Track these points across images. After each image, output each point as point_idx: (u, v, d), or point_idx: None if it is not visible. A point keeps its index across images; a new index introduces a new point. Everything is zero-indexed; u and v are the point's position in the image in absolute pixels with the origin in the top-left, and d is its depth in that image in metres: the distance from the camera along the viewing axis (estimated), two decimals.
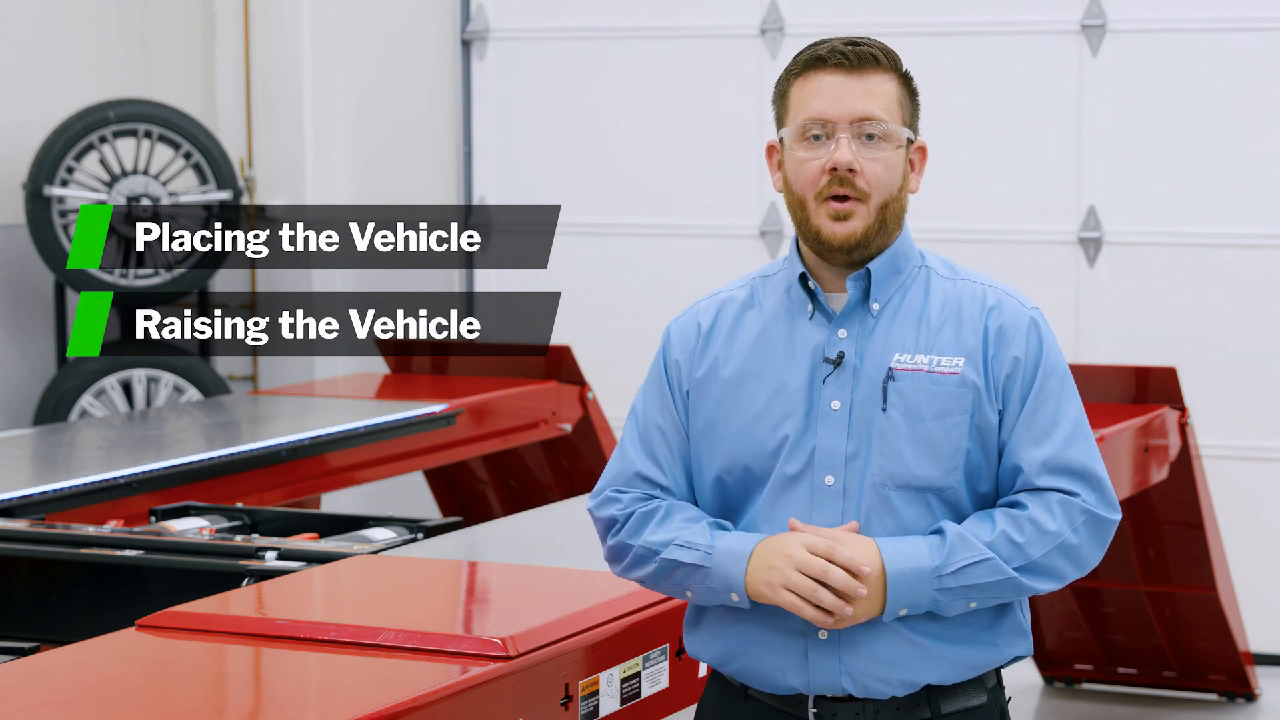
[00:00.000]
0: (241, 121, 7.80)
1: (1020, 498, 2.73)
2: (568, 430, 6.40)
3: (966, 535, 2.69)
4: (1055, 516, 2.72)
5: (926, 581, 2.67)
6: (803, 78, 2.77)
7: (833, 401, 2.74)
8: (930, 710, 2.75)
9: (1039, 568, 2.71)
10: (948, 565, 2.68)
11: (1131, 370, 5.80)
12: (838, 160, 2.73)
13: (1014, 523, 2.71)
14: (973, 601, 2.70)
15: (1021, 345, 2.75)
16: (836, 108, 2.74)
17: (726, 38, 7.33)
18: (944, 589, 2.68)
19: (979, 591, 2.69)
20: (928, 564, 2.67)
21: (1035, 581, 2.71)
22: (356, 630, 3.06)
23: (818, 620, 2.67)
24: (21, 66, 7.40)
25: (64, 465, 5.04)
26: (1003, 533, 2.70)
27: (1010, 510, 2.73)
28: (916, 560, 2.67)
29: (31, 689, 2.87)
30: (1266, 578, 6.76)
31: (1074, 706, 6.40)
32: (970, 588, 2.69)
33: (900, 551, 2.68)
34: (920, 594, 2.67)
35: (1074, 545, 2.72)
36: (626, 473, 2.85)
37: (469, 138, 7.67)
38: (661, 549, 2.77)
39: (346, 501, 6.92)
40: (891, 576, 2.66)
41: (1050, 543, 2.71)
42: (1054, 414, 2.75)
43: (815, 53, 2.77)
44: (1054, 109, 6.93)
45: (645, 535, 2.80)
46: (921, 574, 2.67)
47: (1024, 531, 2.70)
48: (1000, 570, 2.69)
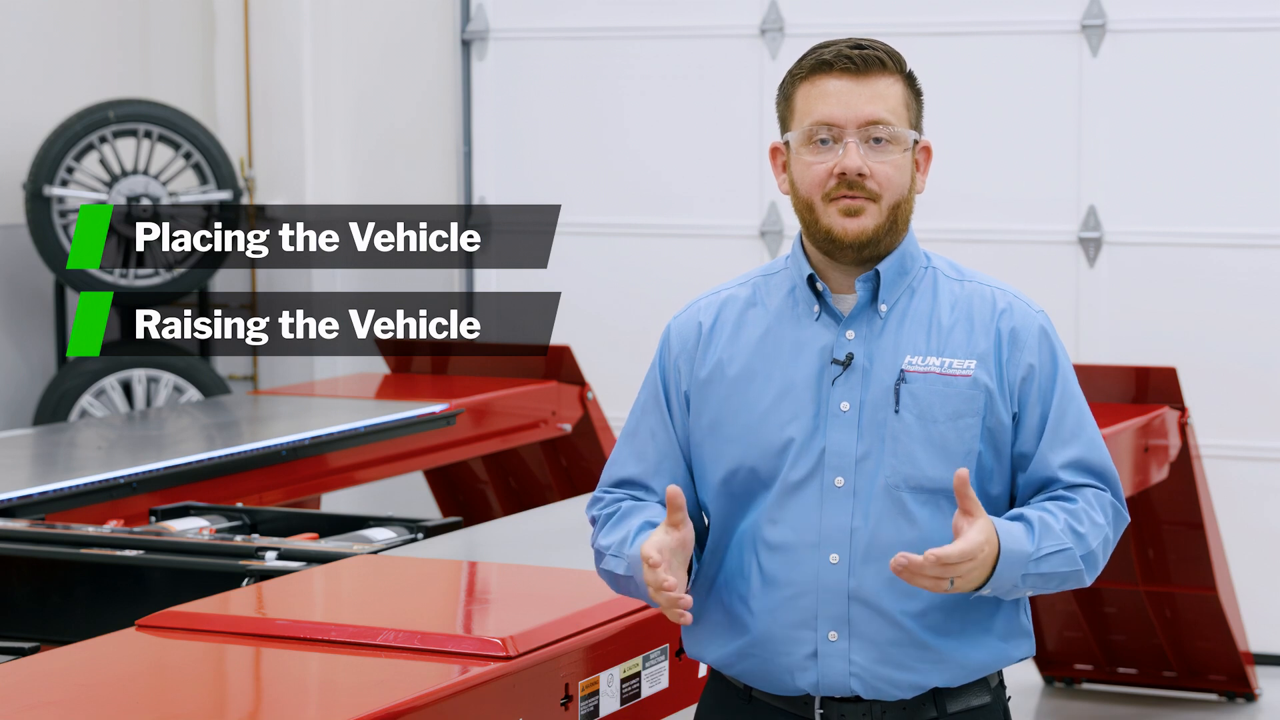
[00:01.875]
0: (241, 121, 7.80)
1: (1065, 493, 2.75)
2: (568, 430, 6.40)
3: (1049, 523, 2.70)
4: (1097, 509, 2.74)
5: (1021, 565, 2.67)
6: (808, 81, 2.76)
7: (842, 403, 2.74)
8: (936, 710, 2.76)
9: (1093, 559, 2.73)
10: (1039, 551, 2.68)
11: (1131, 370, 5.80)
12: (847, 166, 2.72)
13: (1073, 515, 2.72)
14: (1031, 590, 2.71)
15: (1035, 351, 2.76)
16: (844, 112, 2.73)
17: (726, 38, 7.33)
18: (1027, 574, 2.68)
19: (1045, 580, 2.70)
20: (1029, 548, 2.67)
21: (1088, 573, 2.74)
22: (356, 630, 3.06)
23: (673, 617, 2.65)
24: (22, 67, 7.39)
25: (64, 465, 5.04)
26: (1067, 523, 2.71)
27: (1063, 503, 2.74)
28: (1021, 544, 2.67)
29: (31, 689, 2.87)
30: (1266, 578, 6.76)
31: (1074, 706, 6.40)
32: (1043, 576, 2.69)
33: (1009, 533, 2.66)
34: (1011, 577, 2.67)
35: (1110, 540, 2.76)
36: (612, 476, 2.87)
37: (469, 138, 7.67)
38: (604, 555, 2.79)
39: (346, 501, 6.93)
40: (1004, 555, 2.64)
41: (1100, 535, 2.74)
42: (1078, 417, 2.77)
43: (821, 56, 2.76)
44: (1054, 109, 6.93)
45: (599, 538, 2.82)
46: (1023, 557, 2.67)
47: (1083, 522, 2.72)
48: (1073, 561, 2.70)
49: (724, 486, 2.79)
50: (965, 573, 2.61)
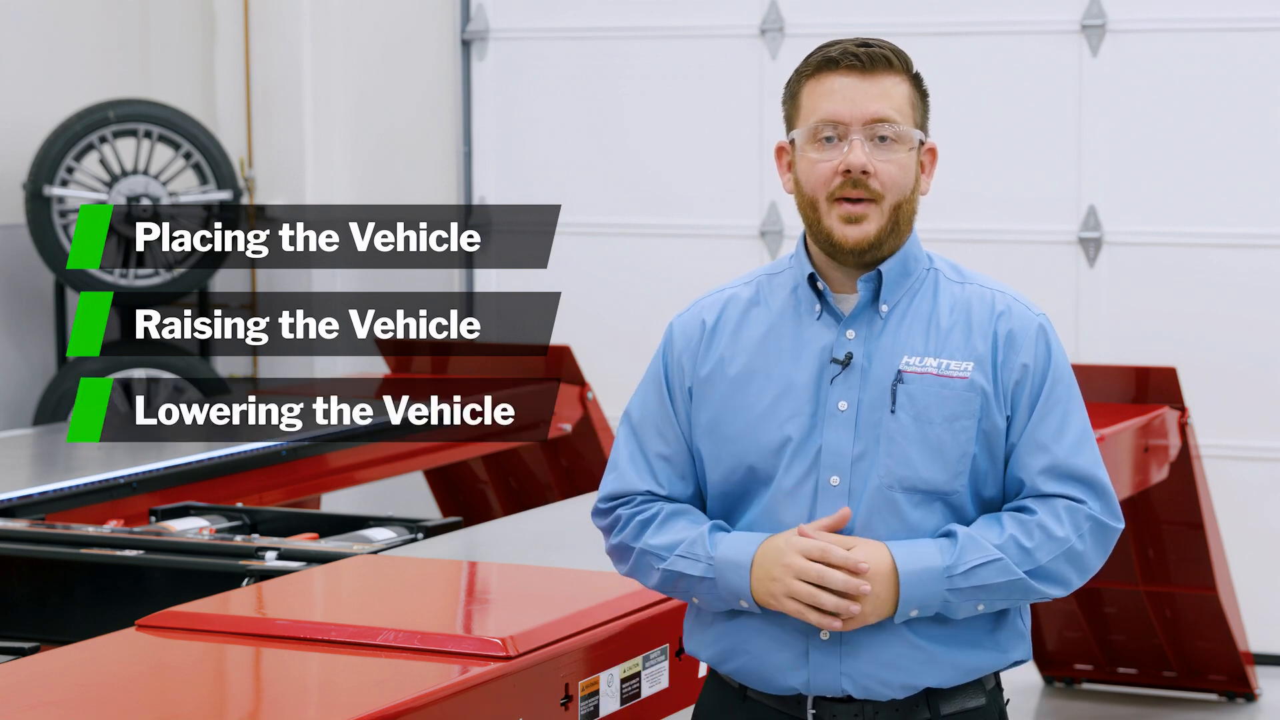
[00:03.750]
0: (241, 121, 7.80)
1: (1028, 503, 2.73)
2: (568, 430, 6.40)
3: (976, 537, 2.69)
4: (1063, 523, 2.72)
5: (937, 581, 2.67)
6: (814, 79, 2.76)
7: (840, 402, 2.74)
8: (929, 711, 2.75)
9: (1046, 573, 2.71)
10: (958, 565, 2.67)
11: (1131, 370, 5.79)
12: (851, 162, 2.72)
13: (1022, 527, 2.71)
14: (981, 604, 2.70)
15: (1030, 352, 2.75)
16: (849, 109, 2.73)
17: (726, 38, 7.33)
18: (954, 589, 2.67)
19: (988, 593, 2.69)
20: (939, 564, 2.67)
21: (1043, 586, 2.72)
22: (356, 630, 3.06)
23: (822, 624, 2.67)
24: (22, 67, 7.39)
25: (64, 465, 5.04)
26: (1011, 536, 2.70)
27: (1018, 515, 2.72)
28: (928, 560, 2.67)
29: (31, 689, 2.87)
30: (1266, 578, 6.76)
31: (1074, 706, 6.40)
32: (980, 588, 2.68)
33: (911, 552, 2.67)
34: (931, 594, 2.67)
35: (1080, 552, 2.73)
36: (620, 481, 2.84)
37: (469, 138, 7.67)
38: (664, 557, 2.77)
39: (346, 501, 6.92)
40: (904, 576, 2.66)
41: (1058, 549, 2.71)
42: (1061, 421, 2.75)
43: (827, 54, 2.75)
44: (1054, 109, 6.93)
45: (646, 538, 2.80)
46: (933, 574, 2.67)
47: (1033, 536, 2.70)
48: (1010, 571, 2.69)
49: (723, 484, 2.79)
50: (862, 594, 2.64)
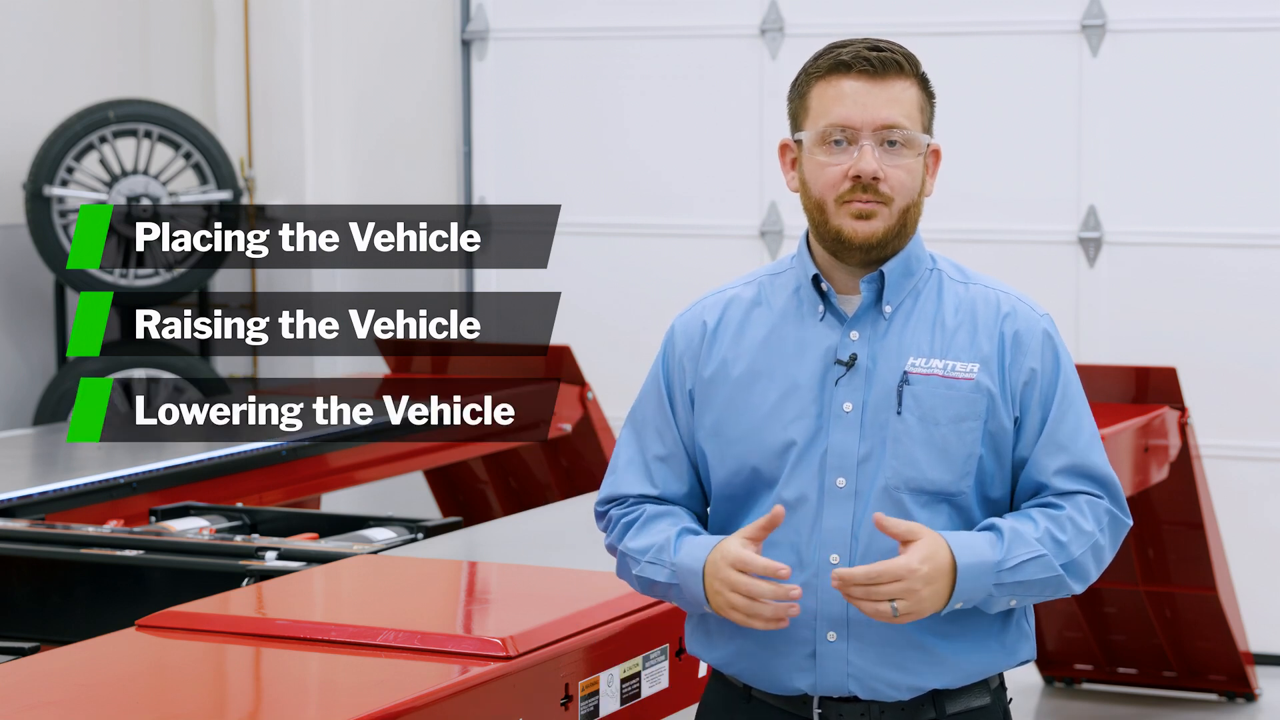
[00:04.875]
0: (241, 121, 7.80)
1: (1052, 499, 2.74)
2: (568, 430, 6.40)
3: (1020, 531, 2.70)
4: (1088, 517, 2.73)
5: (989, 575, 2.66)
6: (825, 80, 2.75)
7: (845, 403, 2.74)
8: (935, 711, 2.75)
9: (1077, 566, 2.72)
10: (1008, 560, 2.67)
11: (1131, 370, 5.79)
12: (862, 169, 2.71)
13: (1055, 522, 2.71)
14: (1014, 599, 2.71)
15: (1038, 356, 2.76)
16: (861, 114, 2.72)
17: (726, 38, 7.33)
18: (1001, 584, 2.67)
19: (1026, 588, 2.70)
20: (992, 558, 2.66)
21: (1071, 580, 2.72)
22: (356, 630, 3.06)
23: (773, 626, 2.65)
24: (22, 67, 7.39)
25: (64, 465, 5.04)
26: (1047, 530, 2.70)
27: (1048, 510, 2.73)
28: (982, 555, 2.66)
29: (31, 689, 2.87)
30: (1266, 578, 6.76)
31: (1074, 706, 6.40)
32: (1021, 584, 2.69)
33: (967, 545, 2.66)
34: (980, 588, 2.66)
35: (1102, 546, 2.75)
36: (615, 484, 2.85)
37: (469, 137, 7.67)
38: (639, 561, 2.78)
39: (346, 501, 6.92)
40: (961, 569, 2.64)
41: (1087, 542, 2.73)
42: (1076, 423, 2.76)
43: (839, 57, 2.74)
44: (1054, 109, 6.93)
45: (626, 541, 2.81)
46: (986, 568, 2.66)
47: (1065, 530, 2.71)
48: (1050, 567, 2.69)
49: (726, 486, 2.79)
50: (901, 593, 2.60)
